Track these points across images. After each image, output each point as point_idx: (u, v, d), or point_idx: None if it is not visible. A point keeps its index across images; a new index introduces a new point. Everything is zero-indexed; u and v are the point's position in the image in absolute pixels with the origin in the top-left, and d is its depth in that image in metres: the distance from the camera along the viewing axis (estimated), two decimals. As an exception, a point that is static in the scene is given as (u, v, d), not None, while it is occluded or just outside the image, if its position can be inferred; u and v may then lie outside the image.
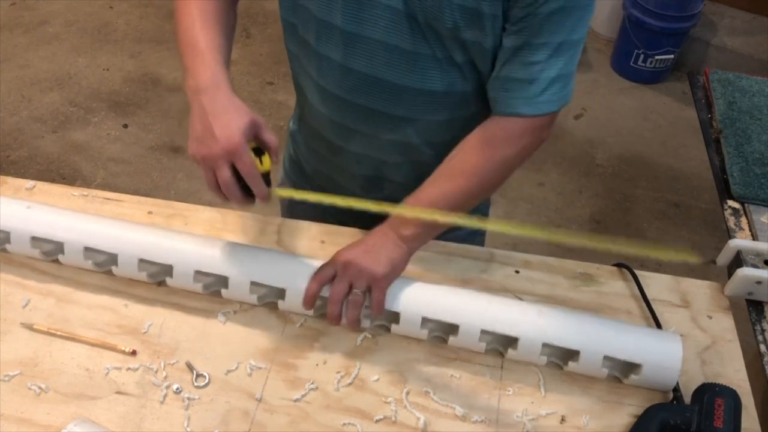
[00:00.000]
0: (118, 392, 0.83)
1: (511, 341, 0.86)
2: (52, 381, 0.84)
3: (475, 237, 1.20)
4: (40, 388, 0.83)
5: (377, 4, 0.82)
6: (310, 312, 0.89)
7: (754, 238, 1.08)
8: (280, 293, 0.88)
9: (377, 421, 0.82)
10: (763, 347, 0.91)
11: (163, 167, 2.45)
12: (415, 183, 1.03)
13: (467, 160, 0.89)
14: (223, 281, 0.89)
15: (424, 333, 0.88)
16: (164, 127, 2.60)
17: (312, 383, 0.85)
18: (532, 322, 0.85)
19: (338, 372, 0.86)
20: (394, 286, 0.87)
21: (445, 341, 0.89)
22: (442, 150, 0.99)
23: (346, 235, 1.01)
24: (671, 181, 2.53)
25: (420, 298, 0.87)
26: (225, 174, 0.78)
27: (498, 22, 0.81)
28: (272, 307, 0.92)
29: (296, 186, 1.18)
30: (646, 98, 2.87)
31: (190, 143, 0.81)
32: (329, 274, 0.86)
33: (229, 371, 0.86)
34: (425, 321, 0.87)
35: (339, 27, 0.86)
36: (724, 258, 1.01)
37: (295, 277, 0.87)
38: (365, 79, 0.89)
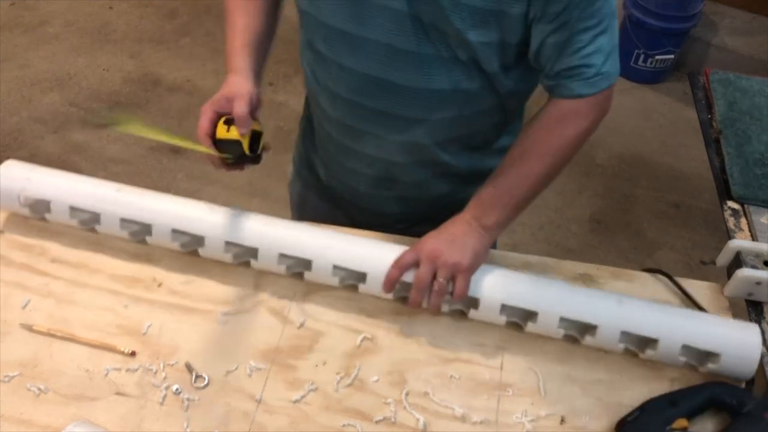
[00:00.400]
0: (118, 393, 0.83)
1: (588, 328, 0.87)
2: (51, 382, 0.84)
3: None
4: (39, 389, 0.83)
5: (380, 7, 0.83)
6: (389, 295, 0.90)
7: (754, 238, 1.08)
8: (361, 277, 0.90)
9: (377, 421, 0.82)
10: (763, 347, 0.91)
11: (163, 168, 2.46)
12: (425, 182, 1.04)
13: (539, 140, 0.90)
14: (305, 263, 0.92)
15: (502, 319, 0.89)
16: (164, 128, 2.59)
17: (312, 384, 0.85)
18: (612, 310, 0.86)
19: (338, 373, 0.86)
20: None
21: (520, 327, 0.90)
22: (451, 149, 1.00)
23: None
24: (671, 181, 2.53)
25: (500, 285, 0.88)
26: (202, 123, 0.90)
27: (519, 22, 0.81)
28: (272, 307, 0.92)
29: (306, 185, 1.19)
30: (647, 98, 2.87)
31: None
32: (411, 260, 0.87)
33: (228, 372, 0.86)
34: (504, 307, 0.88)
35: (344, 30, 0.87)
36: (723, 259, 1.01)
37: (375, 262, 0.89)
38: (372, 81, 0.90)
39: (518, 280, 0.90)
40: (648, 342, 0.87)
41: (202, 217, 0.94)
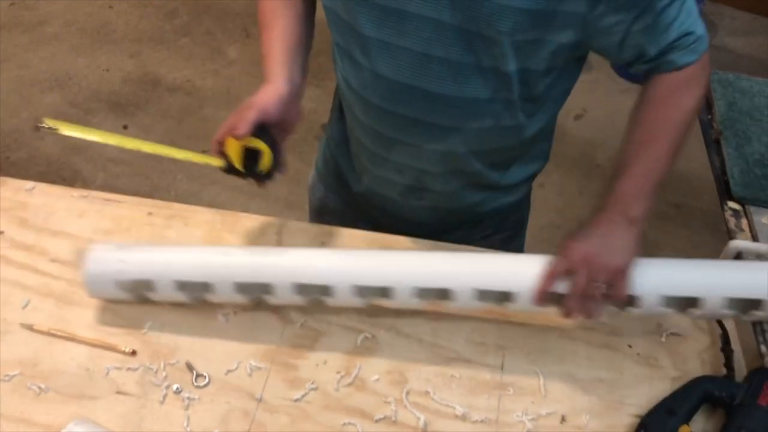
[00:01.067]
0: (118, 392, 0.83)
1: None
2: (52, 381, 0.84)
3: (514, 241, 1.20)
4: (40, 388, 0.83)
5: (420, 17, 0.81)
6: (538, 308, 0.85)
7: (755, 239, 1.08)
8: (505, 296, 0.84)
9: (377, 421, 0.82)
10: (763, 347, 0.91)
11: (163, 168, 2.45)
12: (457, 192, 1.02)
13: (660, 119, 0.87)
14: (443, 293, 0.85)
15: (667, 311, 0.85)
16: (164, 128, 2.60)
17: (312, 383, 0.85)
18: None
19: (338, 372, 0.86)
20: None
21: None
22: (486, 159, 0.98)
23: (346, 236, 1.01)
24: (671, 181, 2.51)
25: (654, 276, 0.85)
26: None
27: (576, 20, 0.80)
28: (272, 307, 0.92)
29: (329, 189, 1.18)
30: (646, 99, 2.87)
31: None
32: (563, 269, 0.83)
33: (229, 371, 0.86)
34: (666, 299, 0.84)
35: (380, 40, 0.85)
36: (724, 259, 1.01)
37: (520, 278, 0.84)
38: (407, 89, 0.89)
39: (667, 267, 0.86)
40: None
41: (330, 264, 0.87)
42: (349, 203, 1.15)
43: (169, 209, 1.04)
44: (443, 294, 0.84)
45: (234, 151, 0.85)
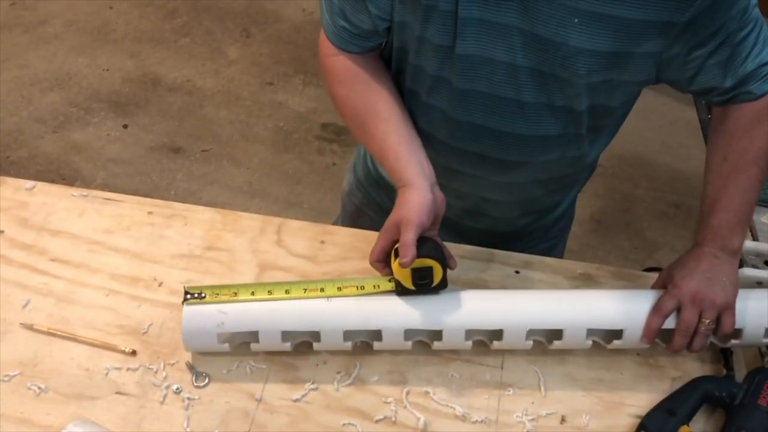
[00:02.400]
0: (118, 392, 0.83)
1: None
2: (51, 381, 0.84)
3: (556, 248, 1.20)
4: (39, 388, 0.83)
5: (491, 61, 0.81)
6: (646, 345, 0.86)
7: (755, 238, 1.08)
8: (616, 334, 0.86)
9: (377, 421, 0.82)
10: (763, 347, 0.91)
11: (163, 168, 2.45)
12: (515, 218, 1.03)
13: (745, 149, 0.86)
14: (556, 334, 0.86)
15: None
16: (164, 128, 2.60)
17: (312, 383, 0.85)
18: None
19: (338, 372, 0.86)
20: None
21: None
22: (549, 186, 0.99)
23: (346, 235, 1.01)
24: (671, 181, 2.53)
25: (757, 309, 0.86)
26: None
27: (651, 58, 0.80)
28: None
29: (369, 197, 1.15)
30: (646, 98, 2.86)
31: None
32: (672, 306, 0.83)
33: (229, 371, 0.86)
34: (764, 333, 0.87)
35: (450, 82, 0.85)
36: (724, 258, 1.01)
37: (630, 316, 0.85)
38: (476, 129, 0.88)
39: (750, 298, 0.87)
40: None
41: (443, 309, 0.84)
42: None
43: (169, 208, 1.04)
44: (556, 335, 0.85)
45: (404, 276, 0.81)
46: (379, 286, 0.84)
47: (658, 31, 0.77)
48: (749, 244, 1.00)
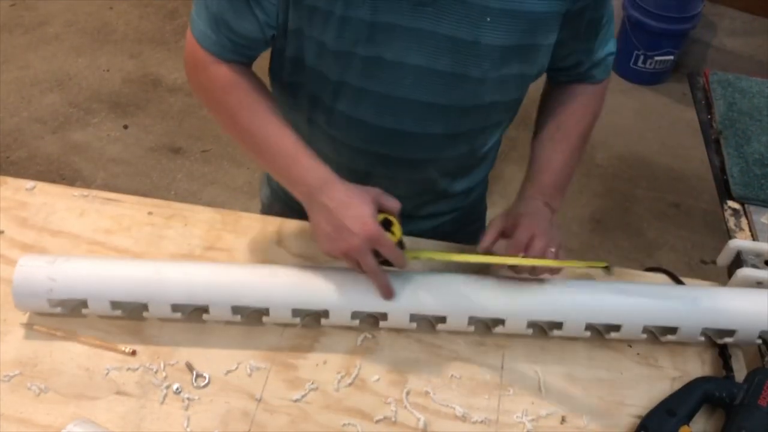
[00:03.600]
0: (118, 392, 0.83)
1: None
2: (51, 381, 0.84)
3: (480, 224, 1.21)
4: (39, 388, 0.83)
5: (404, 66, 0.82)
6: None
7: (755, 238, 1.08)
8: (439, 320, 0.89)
9: (377, 421, 0.82)
10: (763, 347, 0.91)
11: (163, 168, 2.45)
12: (421, 204, 1.05)
13: (577, 123, 0.95)
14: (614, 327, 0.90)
15: (586, 333, 0.89)
16: (164, 128, 2.60)
17: (312, 383, 0.85)
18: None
19: (338, 372, 0.86)
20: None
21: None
22: (454, 174, 1.01)
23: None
24: (671, 181, 2.53)
25: (580, 302, 0.89)
26: (371, 262, 0.80)
27: (550, 48, 0.86)
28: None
29: (288, 205, 1.12)
30: (646, 99, 2.87)
31: (322, 243, 0.82)
32: (526, 239, 0.86)
33: (229, 371, 0.86)
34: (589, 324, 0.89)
35: (360, 88, 0.84)
36: (724, 258, 1.01)
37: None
38: (388, 132, 0.89)
39: (594, 291, 0.90)
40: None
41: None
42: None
43: (169, 208, 1.04)
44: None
45: (396, 227, 0.83)
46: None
47: (557, 20, 0.82)
48: (749, 244, 1.00)
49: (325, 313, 0.87)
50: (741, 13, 2.95)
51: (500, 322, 0.88)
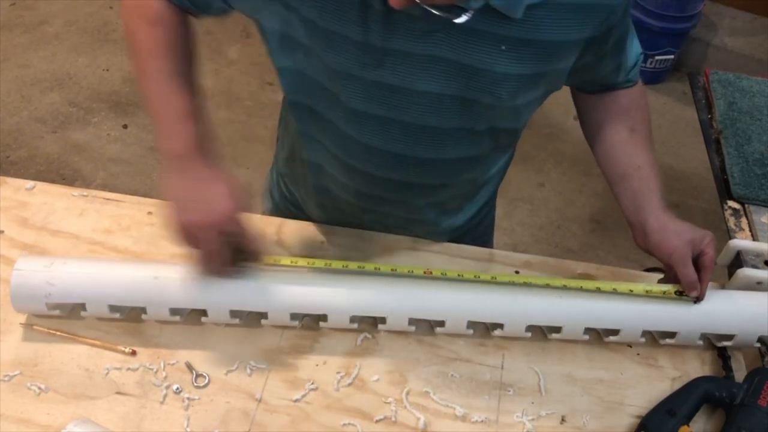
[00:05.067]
0: (118, 392, 0.83)
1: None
2: (51, 381, 0.84)
3: (487, 237, 1.20)
4: (39, 388, 0.83)
5: (414, 92, 0.79)
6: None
7: (755, 238, 1.08)
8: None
9: (377, 421, 0.82)
10: (763, 347, 0.91)
11: (163, 168, 2.45)
12: (433, 219, 1.03)
13: (644, 118, 0.96)
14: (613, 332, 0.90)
15: (586, 337, 0.90)
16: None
17: (312, 383, 0.85)
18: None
19: (338, 372, 0.86)
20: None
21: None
22: (465, 192, 1.01)
23: (346, 235, 1.01)
24: (671, 181, 2.53)
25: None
26: (215, 241, 0.78)
27: (566, 71, 0.83)
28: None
29: (286, 213, 1.13)
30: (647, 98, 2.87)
31: (172, 210, 0.79)
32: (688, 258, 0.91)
33: (229, 371, 0.86)
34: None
35: (371, 114, 0.82)
36: (724, 258, 1.01)
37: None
38: (398, 157, 0.87)
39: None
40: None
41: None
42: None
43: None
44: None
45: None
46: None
47: (579, 46, 0.80)
48: (749, 243, 1.00)
49: (323, 317, 0.87)
50: (741, 12, 2.95)
51: (499, 326, 0.87)
